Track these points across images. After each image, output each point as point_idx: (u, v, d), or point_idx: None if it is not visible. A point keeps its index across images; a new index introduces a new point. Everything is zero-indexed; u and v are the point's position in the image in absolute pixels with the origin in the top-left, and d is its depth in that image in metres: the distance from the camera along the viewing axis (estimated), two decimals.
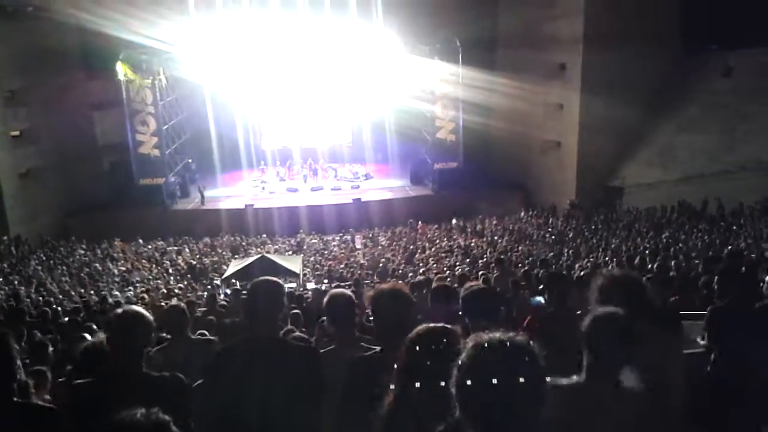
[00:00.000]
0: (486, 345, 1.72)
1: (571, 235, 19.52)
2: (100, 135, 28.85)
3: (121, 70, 25.29)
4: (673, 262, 10.93)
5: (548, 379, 1.72)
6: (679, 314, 4.64)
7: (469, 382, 1.69)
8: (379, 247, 22.38)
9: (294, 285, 16.06)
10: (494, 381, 1.65)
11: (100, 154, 28.98)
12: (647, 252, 13.57)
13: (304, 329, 7.35)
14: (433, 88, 27.31)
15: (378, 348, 3.20)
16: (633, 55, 22.39)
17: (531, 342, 1.76)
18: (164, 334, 5.31)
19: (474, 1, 27.52)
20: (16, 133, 24.37)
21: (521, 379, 1.65)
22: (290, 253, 21.78)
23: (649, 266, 10.11)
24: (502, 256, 13.16)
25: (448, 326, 2.83)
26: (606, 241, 17.23)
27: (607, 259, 14.18)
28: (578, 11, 23.99)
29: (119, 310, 3.08)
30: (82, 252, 21.82)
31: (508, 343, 1.72)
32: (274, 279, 3.42)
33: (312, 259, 21.41)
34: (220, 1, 26.39)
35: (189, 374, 3.67)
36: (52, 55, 25.20)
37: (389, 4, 26.75)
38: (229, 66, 27.54)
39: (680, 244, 14.43)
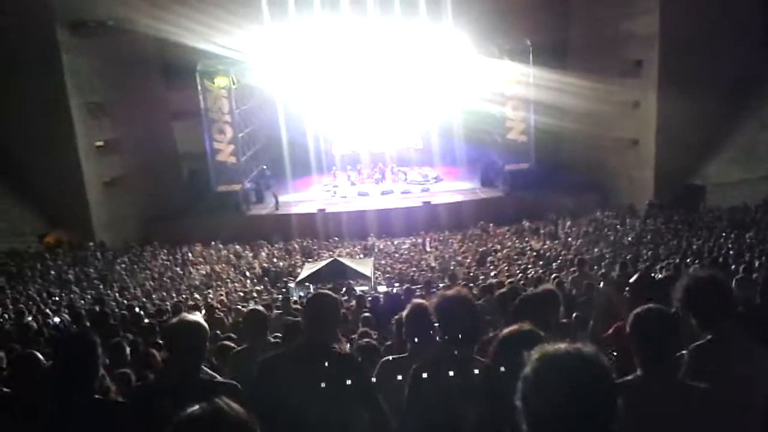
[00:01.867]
0: (551, 357, 1.64)
1: (649, 237, 18.85)
2: (179, 144, 29.98)
3: (199, 81, 26.25)
4: (757, 263, 10.42)
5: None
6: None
7: (533, 397, 1.62)
8: (450, 250, 22.26)
9: (366, 288, 16.20)
10: (559, 397, 1.57)
11: (179, 162, 30.12)
12: (731, 253, 12.99)
13: (376, 332, 7.42)
14: (503, 89, 27.01)
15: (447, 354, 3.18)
16: (712, 50, 21.50)
17: (600, 354, 1.66)
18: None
19: (545, 1, 27.03)
20: (101, 143, 25.66)
21: (588, 396, 1.57)
22: (361, 256, 21.97)
23: (733, 267, 9.68)
24: (580, 257, 12.82)
25: (533, 329, 2.80)
26: (687, 242, 16.55)
27: (688, 261, 13.61)
28: (654, 7, 23.20)
29: (175, 319, 3.20)
30: (164, 257, 22.67)
31: (575, 356, 1.63)
32: (330, 293, 3.53)
33: (383, 262, 21.52)
34: (293, 9, 26.95)
35: None
36: (133, 66, 26.42)
37: (459, 7, 26.66)
38: (301, 72, 28.14)
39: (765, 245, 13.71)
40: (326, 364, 3.12)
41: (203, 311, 11.06)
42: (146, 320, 10.23)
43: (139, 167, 26.76)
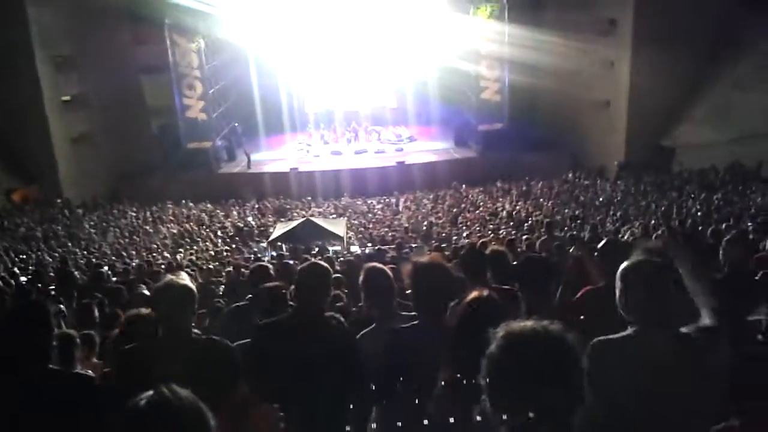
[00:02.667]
0: (517, 335, 1.62)
1: (619, 198, 19.08)
2: (148, 99, 29.31)
3: (168, 34, 25.54)
4: (724, 225, 10.61)
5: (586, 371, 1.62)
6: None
7: (497, 377, 1.62)
8: (423, 210, 22.31)
9: (338, 248, 16.19)
10: (524, 376, 1.56)
11: (148, 117, 29.50)
12: (698, 215, 13.21)
13: (346, 291, 7.42)
14: (478, 47, 26.75)
15: (415, 322, 3.18)
16: (686, 10, 21.46)
17: (568, 332, 1.64)
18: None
19: None
20: (67, 98, 24.93)
21: (553, 374, 1.56)
22: (334, 216, 21.91)
23: (701, 228, 9.86)
24: (548, 220, 12.92)
25: (494, 297, 2.80)
26: (656, 204, 16.79)
27: (656, 222, 13.81)
28: None
29: (164, 280, 3.16)
30: (133, 214, 22.37)
31: (540, 334, 1.61)
32: (323, 264, 3.46)
33: (356, 222, 21.49)
34: None
35: None
36: (100, 19, 25.53)
37: None
38: (273, 28, 27.53)
39: (732, 207, 13.98)
40: (323, 335, 3.16)
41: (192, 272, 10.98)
42: (114, 279, 10.15)
43: (107, 123, 26.12)
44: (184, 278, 3.21)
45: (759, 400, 2.65)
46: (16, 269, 12.17)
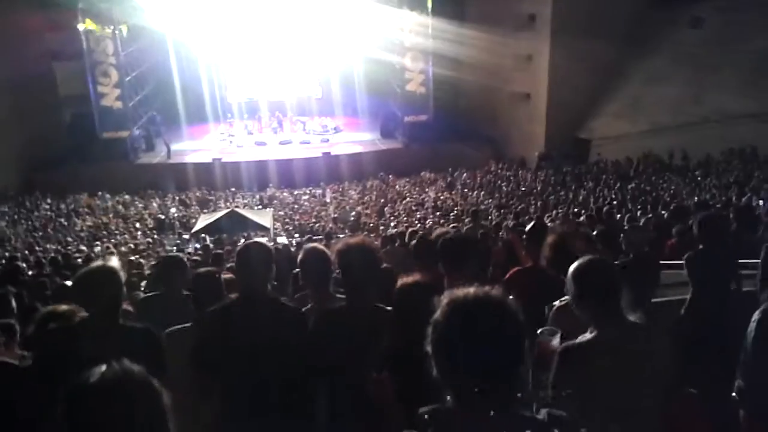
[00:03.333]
0: (461, 302, 1.65)
1: (540, 188, 19.67)
2: (60, 86, 27.94)
3: (81, 19, 24.38)
4: (639, 212, 11.12)
5: (526, 337, 1.66)
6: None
7: (443, 341, 1.64)
8: (350, 201, 22.31)
9: (265, 239, 15.97)
10: (470, 340, 1.59)
11: (61, 106, 28.13)
12: (614, 203, 13.77)
13: (275, 283, 7.33)
14: (402, 39, 26.91)
15: (342, 303, 3.22)
16: (603, 4, 22.32)
17: (508, 298, 1.69)
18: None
19: None
20: None
21: (498, 337, 1.59)
22: (260, 207, 21.61)
23: (618, 216, 10.28)
24: (474, 208, 13.18)
25: (427, 281, 2.85)
26: (574, 193, 17.41)
27: (575, 210, 14.32)
28: None
29: (92, 265, 3.06)
30: (47, 207, 21.35)
31: (483, 299, 1.65)
32: (262, 242, 3.49)
33: (282, 213, 21.28)
34: None
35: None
36: (9, 0, 24.09)
37: None
38: (193, 14, 26.72)
39: (646, 196, 14.65)
40: (273, 315, 3.11)
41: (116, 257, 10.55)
42: (30, 273, 9.66)
43: (17, 111, 24.64)
44: (114, 262, 3.10)
45: None
46: None
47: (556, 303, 3.09)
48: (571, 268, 2.67)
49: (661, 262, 5.51)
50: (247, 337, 2.98)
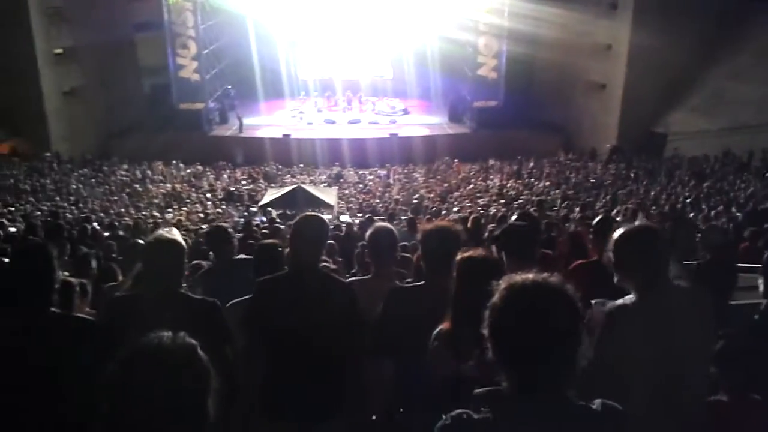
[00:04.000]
0: (520, 287, 1.66)
1: (610, 181, 19.19)
2: (141, 57, 28.90)
3: None
4: (713, 213, 10.74)
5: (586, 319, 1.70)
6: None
7: (500, 326, 1.66)
8: (414, 184, 22.33)
9: (329, 216, 16.20)
10: (527, 325, 1.61)
11: (141, 75, 29.12)
12: (687, 201, 13.34)
13: (340, 258, 7.48)
14: (478, 19, 26.47)
15: (420, 282, 3.24)
16: None
17: (566, 284, 1.69)
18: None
19: None
20: (60, 51, 24.48)
21: (556, 323, 1.61)
22: (325, 185, 21.89)
23: (691, 215, 9.97)
24: (540, 198, 13.00)
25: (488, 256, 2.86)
26: (645, 189, 16.91)
27: (645, 206, 13.93)
28: None
29: (155, 235, 3.19)
30: (123, 172, 22.21)
31: (542, 285, 1.66)
32: (319, 215, 3.50)
33: (347, 192, 21.50)
34: None
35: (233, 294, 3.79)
36: None
37: None
38: None
39: (722, 195, 14.12)
40: (321, 286, 3.18)
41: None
42: (106, 234, 10.11)
43: (99, 78, 25.75)
44: (175, 234, 3.23)
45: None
46: (4, 220, 12.07)
47: (593, 301, 3.04)
48: (615, 234, 2.70)
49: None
50: (292, 307, 3.07)
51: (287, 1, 27.89)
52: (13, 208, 14.78)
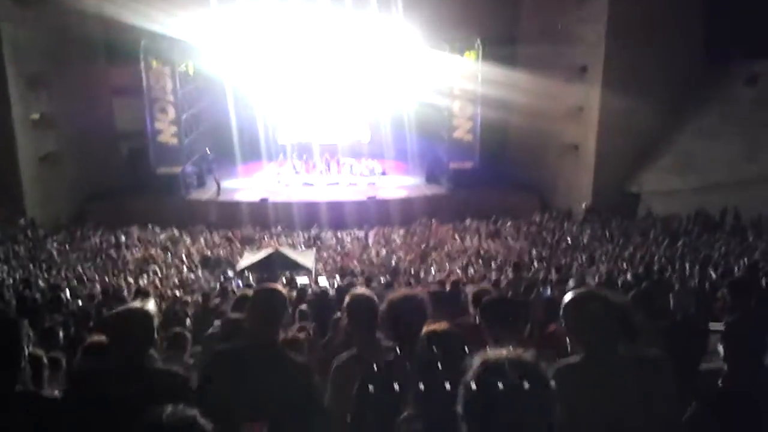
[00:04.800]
0: (493, 364, 1.68)
1: (585, 241, 19.39)
2: (119, 121, 29.02)
3: (142, 58, 25.47)
4: (688, 272, 10.85)
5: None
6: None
7: (474, 404, 1.66)
8: (393, 245, 22.36)
9: (306, 280, 16.10)
10: (501, 403, 1.62)
11: (118, 140, 29.16)
12: (663, 261, 13.48)
13: (314, 323, 7.36)
14: (452, 84, 27.18)
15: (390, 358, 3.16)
16: (655, 59, 22.22)
17: (539, 361, 1.72)
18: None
19: None
20: (36, 116, 24.51)
21: (528, 401, 1.62)
22: (303, 248, 21.83)
23: (667, 275, 10.05)
24: (516, 261, 13.08)
25: (454, 329, 2.85)
26: (621, 248, 17.10)
27: (622, 265, 14.07)
28: (602, 13, 23.76)
29: (123, 307, 3.16)
30: (98, 238, 21.98)
31: (516, 363, 1.68)
32: (275, 288, 3.44)
33: (325, 254, 21.44)
34: None
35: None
36: (74, 41, 25.34)
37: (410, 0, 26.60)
38: (249, 58, 27.60)
39: (696, 254, 14.30)
40: (278, 369, 3.11)
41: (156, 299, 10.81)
42: (79, 303, 9.94)
43: (75, 143, 25.72)
44: (146, 304, 3.18)
45: None
46: None
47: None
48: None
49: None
50: (240, 384, 3.00)
51: (265, 66, 28.32)
52: None
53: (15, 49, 23.02)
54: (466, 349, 2.55)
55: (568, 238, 20.18)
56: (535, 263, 16.38)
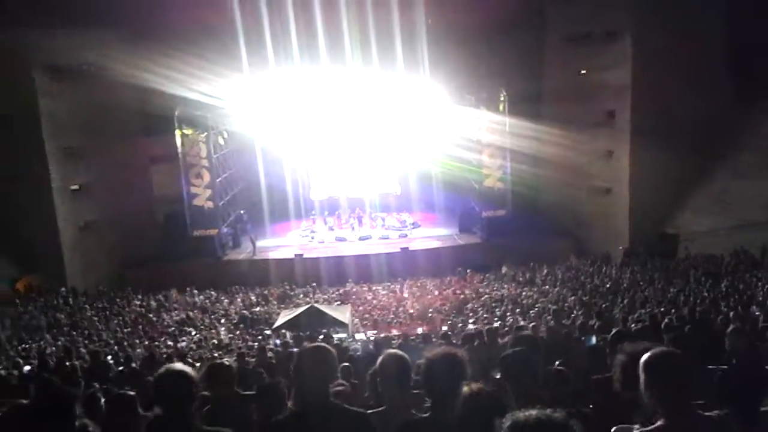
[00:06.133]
0: (523, 424, 1.66)
1: (625, 285, 19.00)
2: (155, 187, 29.81)
3: (177, 125, 26.29)
4: (732, 313, 10.53)
5: None
6: None
7: None
8: (428, 297, 22.19)
9: (344, 335, 16.02)
10: None
11: (155, 206, 29.89)
12: (707, 302, 13.11)
13: (355, 381, 7.29)
14: (479, 137, 27.43)
15: (425, 414, 3.13)
16: (683, 100, 22.17)
17: (570, 420, 1.68)
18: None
19: (519, 52, 27.66)
20: (76, 187, 25.40)
21: None
22: (339, 303, 21.80)
23: (712, 316, 9.77)
24: (555, 307, 12.86)
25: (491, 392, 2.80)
26: (663, 291, 16.70)
27: (662, 309, 13.71)
28: (626, 59, 23.91)
29: (166, 368, 3.21)
30: (137, 302, 22.28)
31: (545, 423, 1.65)
32: (325, 345, 3.41)
33: (360, 308, 21.36)
34: (272, 59, 27.18)
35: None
36: (111, 111, 26.31)
37: (436, 57, 27.14)
38: (280, 119, 28.34)
39: (740, 294, 13.90)
40: (340, 425, 3.08)
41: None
42: (120, 369, 10.01)
43: (114, 211, 26.45)
44: (184, 367, 3.22)
45: None
46: (19, 359, 12.03)
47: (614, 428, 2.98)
48: (643, 357, 2.71)
49: None
50: None
51: (295, 125, 28.99)
52: (27, 346, 14.76)
53: (53, 122, 24.12)
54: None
55: (607, 283, 19.79)
56: (575, 310, 16.07)
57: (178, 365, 3.21)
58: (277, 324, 17.70)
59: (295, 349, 10.41)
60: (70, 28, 23.68)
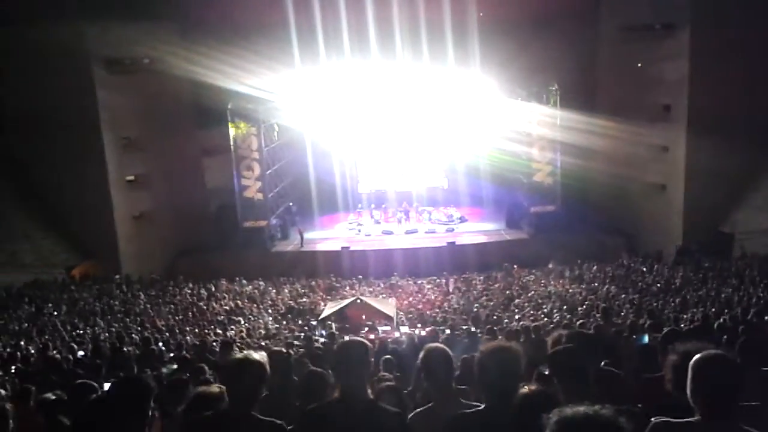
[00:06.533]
0: (570, 421, 1.64)
1: (678, 284, 18.50)
2: (208, 179, 30.44)
3: (230, 118, 26.77)
4: None
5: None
6: None
7: None
8: (474, 292, 22.07)
9: (388, 328, 16.10)
10: None
11: (207, 197, 30.53)
12: (762, 303, 12.68)
13: (398, 374, 7.34)
14: (530, 130, 27.08)
15: (481, 405, 3.14)
16: (740, 95, 21.38)
17: (619, 416, 1.66)
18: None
19: (571, 44, 27.16)
20: (131, 177, 26.19)
21: None
22: (384, 296, 21.88)
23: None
24: (605, 306, 12.61)
25: (548, 392, 2.79)
26: (716, 291, 16.20)
27: (714, 310, 13.31)
28: (684, 51, 23.20)
29: (237, 355, 3.24)
30: (189, 291, 22.80)
31: (593, 420, 1.63)
32: (361, 339, 3.49)
33: (405, 302, 21.39)
34: (323, 53, 27.38)
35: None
36: (166, 103, 27.04)
37: (486, 50, 26.86)
38: (329, 113, 28.52)
39: None
40: (373, 421, 3.11)
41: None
42: (171, 355, 10.29)
43: (168, 202, 27.19)
44: (260, 356, 3.25)
45: None
46: (74, 344, 12.47)
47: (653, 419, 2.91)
48: (693, 359, 2.67)
49: None
50: None
51: (345, 119, 29.15)
52: (81, 331, 15.28)
53: (110, 114, 24.87)
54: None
55: (659, 282, 19.31)
56: (626, 307, 15.74)
57: (255, 354, 3.23)
58: (323, 315, 17.89)
59: (319, 351, 10.53)
60: (128, 22, 24.39)
